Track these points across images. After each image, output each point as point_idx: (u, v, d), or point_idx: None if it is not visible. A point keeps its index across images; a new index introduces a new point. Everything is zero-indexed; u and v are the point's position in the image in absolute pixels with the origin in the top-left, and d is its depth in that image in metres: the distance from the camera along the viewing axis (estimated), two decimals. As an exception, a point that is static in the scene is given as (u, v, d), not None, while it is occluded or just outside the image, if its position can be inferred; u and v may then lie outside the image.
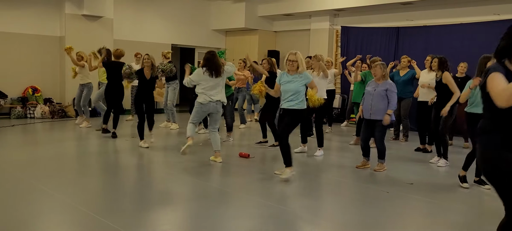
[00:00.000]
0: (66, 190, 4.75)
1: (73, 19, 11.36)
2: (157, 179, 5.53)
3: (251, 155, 6.74)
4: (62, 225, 3.84)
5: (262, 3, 13.57)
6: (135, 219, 3.92)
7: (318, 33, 12.79)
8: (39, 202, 4.30)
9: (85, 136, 8.55)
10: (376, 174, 5.93)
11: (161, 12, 13.43)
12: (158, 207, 4.34)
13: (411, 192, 5.08)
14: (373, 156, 6.24)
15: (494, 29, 9.34)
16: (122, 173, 5.83)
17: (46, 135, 8.94)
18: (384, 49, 11.16)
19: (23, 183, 5.01)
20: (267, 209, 4.34)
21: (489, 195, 4.97)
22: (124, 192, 4.87)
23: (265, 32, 14.05)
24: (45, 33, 11.45)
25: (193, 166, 6.14)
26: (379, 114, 5.88)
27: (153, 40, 13.12)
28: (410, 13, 10.84)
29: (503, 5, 9.34)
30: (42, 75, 11.46)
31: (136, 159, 6.64)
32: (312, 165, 6.49)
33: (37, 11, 11.27)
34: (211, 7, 14.47)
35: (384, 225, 4.00)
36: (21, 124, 9.74)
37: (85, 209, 4.11)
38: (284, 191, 4.96)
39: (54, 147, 7.38)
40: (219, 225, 3.80)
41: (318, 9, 12.09)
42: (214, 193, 4.90)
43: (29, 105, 10.93)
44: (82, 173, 5.72)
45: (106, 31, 11.83)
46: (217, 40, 14.70)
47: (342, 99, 12.05)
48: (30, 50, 11.24)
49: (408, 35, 10.90)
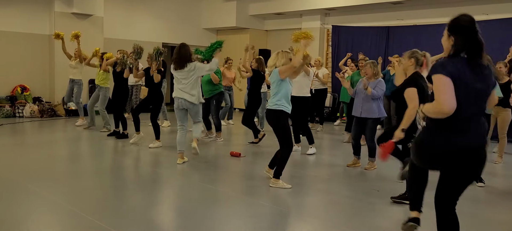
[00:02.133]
0: (56, 190, 4.72)
1: (62, 17, 11.26)
2: (148, 179, 5.50)
3: (242, 154, 6.74)
4: (52, 225, 3.81)
5: (253, 2, 13.57)
6: (127, 219, 3.90)
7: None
8: (28, 202, 4.27)
9: (75, 135, 8.49)
10: (367, 172, 5.97)
11: (152, 10, 13.37)
12: (150, 207, 4.33)
13: (401, 190, 5.11)
14: (364, 154, 6.27)
15: (483, 29, 9.39)
16: (112, 173, 5.80)
17: (36, 134, 8.85)
18: (374, 48, 11.22)
19: (12, 183, 4.96)
20: (259, 208, 4.35)
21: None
22: (115, 192, 4.85)
23: (256, 31, 14.05)
24: (34, 31, 11.33)
25: (184, 166, 6.13)
26: (369, 113, 5.91)
27: (144, 38, 13.01)
28: (400, 13, 10.91)
29: (491, 5, 9.44)
30: (31, 74, 11.35)
31: (127, 159, 6.61)
32: (304, 164, 6.50)
33: (26, 9, 11.16)
34: (202, 5, 14.44)
35: (374, 224, 4.03)
36: (10, 123, 9.64)
37: (75, 209, 4.08)
38: (276, 190, 4.97)
39: (43, 146, 7.31)
40: (210, 224, 3.80)
41: (309, 8, 12.13)
42: (205, 192, 4.89)
43: (18, 104, 10.82)
44: (72, 173, 5.68)
45: (96, 29, 11.74)
46: (208, 39, 14.61)
47: (333, 98, 12.09)
48: (19, 49, 11.11)
49: (398, 35, 10.98)
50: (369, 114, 5.89)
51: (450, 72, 2.46)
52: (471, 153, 2.58)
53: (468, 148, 2.56)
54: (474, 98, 2.54)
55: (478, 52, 2.56)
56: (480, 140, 2.62)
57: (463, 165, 2.59)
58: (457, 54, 2.57)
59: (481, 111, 2.64)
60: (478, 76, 2.54)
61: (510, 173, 6.48)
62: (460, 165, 2.59)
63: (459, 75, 2.47)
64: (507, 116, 6.65)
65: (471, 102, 2.52)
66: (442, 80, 2.45)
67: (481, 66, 2.57)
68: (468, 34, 2.58)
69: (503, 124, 6.69)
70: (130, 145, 7.33)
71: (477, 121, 2.62)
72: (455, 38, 2.59)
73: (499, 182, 5.93)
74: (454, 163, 2.59)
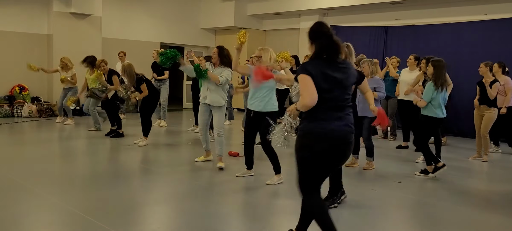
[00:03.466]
0: (54, 190, 4.72)
1: (61, 17, 11.25)
2: (146, 178, 5.50)
3: (240, 154, 6.74)
4: (51, 225, 3.81)
5: (252, 2, 13.57)
6: (124, 218, 3.90)
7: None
8: (27, 202, 4.27)
9: (73, 135, 8.49)
10: (365, 172, 5.98)
11: (150, 10, 13.35)
12: (147, 206, 4.33)
13: (399, 191, 5.13)
14: (362, 154, 6.28)
15: (481, 28, 9.47)
16: (110, 172, 5.80)
17: (34, 134, 8.85)
18: (372, 48, 11.23)
19: (11, 182, 4.96)
20: (256, 208, 4.36)
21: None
22: (113, 192, 4.85)
23: (254, 31, 14.04)
24: (32, 31, 11.31)
25: (184, 166, 6.13)
26: (366, 111, 5.92)
27: (142, 38, 13.05)
28: (399, 13, 10.92)
29: (490, 5, 9.45)
30: (29, 73, 11.23)
31: (124, 158, 6.61)
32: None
33: (24, 8, 11.14)
34: (201, 5, 14.43)
35: (373, 224, 4.04)
36: (8, 123, 9.63)
37: (73, 209, 4.09)
38: (273, 190, 4.98)
39: (42, 146, 7.31)
40: (208, 223, 3.80)
41: (307, 8, 12.12)
42: (203, 191, 4.89)
43: (16, 104, 10.80)
44: (70, 173, 5.67)
45: (94, 29, 11.73)
46: (206, 39, 14.66)
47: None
48: (17, 48, 11.09)
49: (397, 35, 10.98)
50: (366, 113, 5.90)
51: (309, 71, 2.84)
52: (336, 138, 2.88)
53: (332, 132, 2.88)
54: (337, 88, 2.90)
55: (336, 52, 2.94)
56: (345, 127, 2.93)
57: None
58: (319, 56, 2.92)
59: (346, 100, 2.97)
60: (337, 70, 2.90)
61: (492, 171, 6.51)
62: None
63: (320, 72, 2.84)
64: (492, 115, 6.82)
65: (334, 92, 2.89)
66: (304, 79, 2.83)
67: (339, 62, 2.95)
68: (326, 39, 2.92)
69: (487, 123, 6.92)
70: (128, 145, 7.32)
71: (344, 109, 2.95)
72: (315, 44, 2.95)
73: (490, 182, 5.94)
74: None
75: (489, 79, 6.77)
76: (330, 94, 2.87)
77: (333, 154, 2.91)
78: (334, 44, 2.92)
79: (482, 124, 6.94)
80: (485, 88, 6.80)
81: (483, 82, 6.88)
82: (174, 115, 11.83)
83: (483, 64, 6.95)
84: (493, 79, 6.79)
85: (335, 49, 2.93)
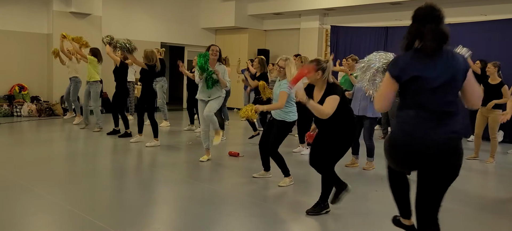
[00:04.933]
0: (54, 190, 4.71)
1: (61, 16, 11.23)
2: (147, 178, 5.49)
3: (240, 154, 6.74)
4: (50, 225, 3.80)
5: (252, 2, 13.56)
6: (125, 218, 3.90)
7: (308, 32, 12.82)
8: (26, 201, 4.26)
9: (73, 135, 8.48)
10: (365, 172, 5.97)
11: (150, 10, 13.35)
12: (148, 206, 4.32)
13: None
14: (362, 154, 6.27)
15: (481, 29, 9.46)
16: (111, 172, 5.79)
17: (34, 133, 8.84)
18: (373, 48, 11.09)
19: (10, 182, 4.95)
20: (257, 208, 4.35)
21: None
22: (113, 192, 4.84)
23: (255, 31, 14.04)
24: (32, 30, 11.30)
25: (183, 166, 6.12)
26: (366, 111, 5.92)
27: (142, 38, 13.01)
28: (399, 13, 10.91)
29: (490, 6, 9.45)
30: (29, 73, 11.32)
31: (125, 158, 6.60)
32: (302, 164, 6.49)
33: (24, 8, 11.13)
34: (201, 5, 14.42)
35: (373, 224, 4.03)
36: (8, 122, 9.62)
37: (73, 208, 4.08)
38: (274, 190, 4.97)
39: (41, 146, 7.30)
40: (209, 224, 3.80)
41: (308, 8, 12.12)
42: (204, 192, 4.89)
43: (15, 103, 10.79)
44: (70, 173, 5.67)
45: (94, 29, 11.72)
46: (207, 39, 14.64)
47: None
48: (17, 48, 11.08)
49: (397, 35, 10.96)
50: (366, 112, 5.89)
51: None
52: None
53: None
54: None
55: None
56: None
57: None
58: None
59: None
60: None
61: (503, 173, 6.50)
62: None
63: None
64: (497, 117, 6.69)
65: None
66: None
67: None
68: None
69: (493, 125, 6.78)
70: (128, 144, 7.32)
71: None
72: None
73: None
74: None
75: (496, 81, 6.67)
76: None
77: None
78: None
79: (489, 128, 6.81)
80: (489, 88, 6.72)
81: (488, 83, 6.80)
82: (174, 115, 11.81)
83: (491, 64, 6.82)
84: (500, 81, 6.70)
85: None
